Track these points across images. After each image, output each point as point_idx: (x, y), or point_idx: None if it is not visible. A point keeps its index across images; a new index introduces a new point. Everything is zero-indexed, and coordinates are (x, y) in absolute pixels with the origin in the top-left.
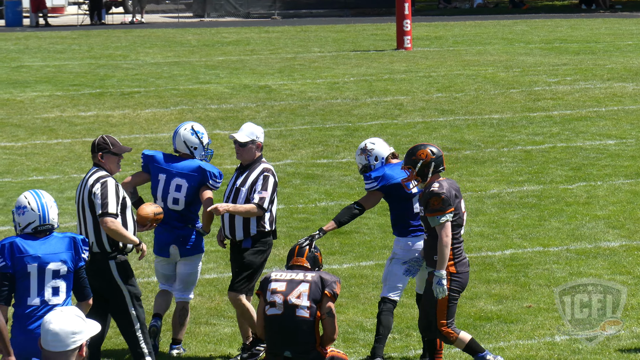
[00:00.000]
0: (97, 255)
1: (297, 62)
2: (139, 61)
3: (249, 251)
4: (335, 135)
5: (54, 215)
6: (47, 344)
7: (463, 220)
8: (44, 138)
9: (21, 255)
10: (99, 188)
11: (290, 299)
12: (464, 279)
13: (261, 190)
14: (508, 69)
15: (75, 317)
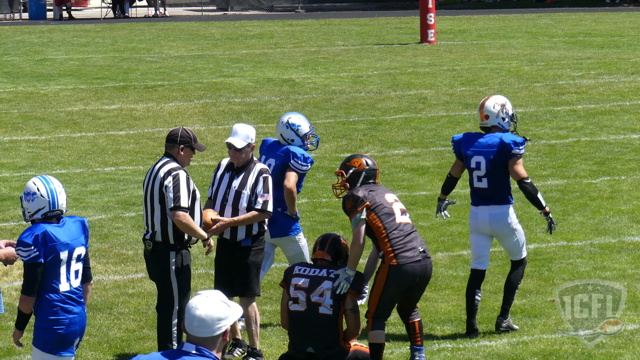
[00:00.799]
0: (159, 245)
1: (321, 56)
2: (163, 54)
3: (250, 251)
4: (359, 129)
5: (63, 200)
6: (193, 330)
7: (392, 208)
8: (67, 131)
9: (53, 244)
10: (171, 181)
11: (313, 297)
12: (406, 272)
13: (263, 194)
14: (532, 62)
15: (220, 303)
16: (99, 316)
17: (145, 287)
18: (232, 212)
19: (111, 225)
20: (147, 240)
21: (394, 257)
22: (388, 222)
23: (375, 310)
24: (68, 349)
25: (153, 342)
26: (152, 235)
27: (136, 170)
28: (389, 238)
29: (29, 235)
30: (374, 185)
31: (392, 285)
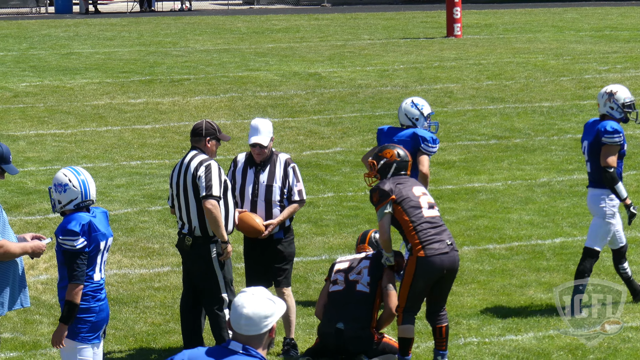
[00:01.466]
0: (199, 240)
1: (347, 50)
2: (189, 48)
3: (284, 242)
4: (385, 123)
5: (94, 191)
6: (240, 328)
7: (419, 202)
8: (93, 125)
9: (96, 233)
10: (204, 171)
11: (351, 275)
12: (434, 263)
13: (296, 183)
14: (558, 56)
15: (267, 300)
16: (125, 310)
17: (171, 280)
18: (265, 207)
19: (137, 218)
20: (185, 236)
21: (422, 249)
22: (415, 215)
23: (404, 304)
24: (97, 336)
25: (179, 336)
26: (190, 230)
27: (162, 164)
28: (416, 231)
29: (75, 224)
30: (403, 177)
31: (420, 278)
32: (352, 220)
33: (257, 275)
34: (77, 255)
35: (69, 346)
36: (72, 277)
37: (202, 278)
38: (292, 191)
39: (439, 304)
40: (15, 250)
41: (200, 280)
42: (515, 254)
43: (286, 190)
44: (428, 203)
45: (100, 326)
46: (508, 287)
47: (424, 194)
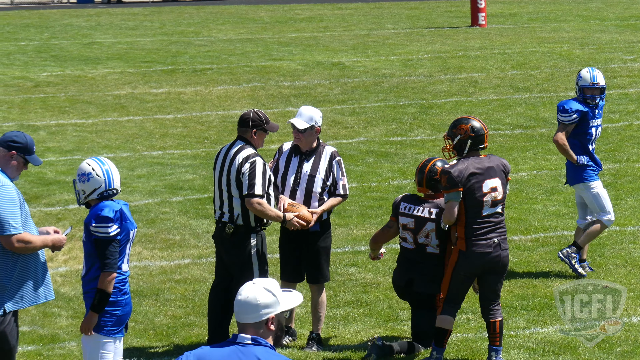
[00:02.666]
0: (240, 229)
1: (371, 39)
2: (211, 38)
3: (321, 236)
4: (409, 113)
5: (118, 180)
6: (236, 315)
7: (482, 201)
8: (114, 115)
9: (126, 222)
10: (248, 168)
11: (419, 239)
12: (473, 260)
13: (341, 177)
14: (583, 46)
15: (264, 290)
16: (145, 302)
17: (192, 273)
18: (304, 196)
19: (158, 210)
20: (226, 224)
21: (464, 243)
22: (472, 212)
23: (446, 294)
24: (121, 330)
25: (199, 329)
26: (231, 218)
27: (184, 155)
28: (466, 225)
29: (109, 210)
30: (483, 160)
31: (459, 270)
32: (376, 211)
33: (291, 268)
34: (110, 242)
35: (92, 339)
36: (105, 265)
37: (238, 267)
38: (337, 185)
39: (489, 299)
40: (36, 243)
41: (236, 269)
42: (540, 246)
43: (329, 182)
44: (492, 201)
45: (124, 320)
46: (534, 279)
47: (493, 189)
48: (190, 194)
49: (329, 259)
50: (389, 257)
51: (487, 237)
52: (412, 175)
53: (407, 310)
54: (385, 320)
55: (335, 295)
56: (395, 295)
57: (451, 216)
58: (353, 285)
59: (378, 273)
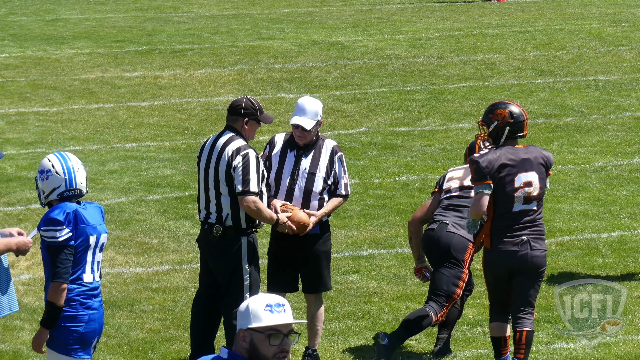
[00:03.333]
0: (229, 231)
1: (374, 15)
2: (192, 14)
3: (320, 239)
4: (417, 100)
5: (82, 179)
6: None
7: (514, 196)
8: (82, 102)
9: (84, 226)
10: (240, 162)
11: (464, 182)
12: (497, 260)
13: (343, 175)
14: (616, 23)
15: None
16: (119, 314)
17: (171, 281)
18: (303, 197)
19: (133, 209)
20: (213, 225)
21: (490, 240)
22: (502, 207)
23: (489, 297)
24: (86, 350)
25: (180, 344)
26: (219, 219)
27: (161, 147)
28: (493, 220)
29: (59, 212)
30: (516, 152)
31: (487, 270)
32: (379, 211)
33: (283, 276)
34: (61, 249)
35: (54, 357)
36: (54, 275)
37: (226, 274)
38: (338, 184)
39: (517, 306)
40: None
41: (224, 277)
42: (566, 250)
43: (330, 181)
44: (525, 197)
45: (90, 339)
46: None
47: (526, 184)
48: (168, 192)
49: (329, 264)
50: (394, 263)
51: (515, 234)
52: (420, 170)
53: None
54: None
55: (334, 305)
56: (401, 306)
57: (478, 209)
58: (354, 294)
59: (382, 281)
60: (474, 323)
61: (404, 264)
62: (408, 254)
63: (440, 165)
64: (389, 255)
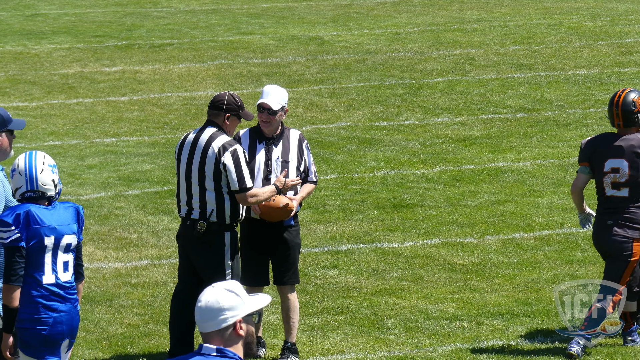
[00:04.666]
0: (213, 226)
1: (353, 10)
2: (172, 9)
3: (292, 231)
4: (396, 94)
5: (46, 180)
6: (198, 324)
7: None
8: (62, 97)
9: (37, 226)
10: (231, 159)
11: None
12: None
13: (312, 163)
14: (595, 17)
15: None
16: (98, 309)
17: (150, 276)
18: None
19: (112, 204)
20: (196, 221)
21: None
22: (598, 190)
23: None
24: (55, 353)
25: (160, 339)
26: (202, 215)
27: (140, 142)
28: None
29: (9, 213)
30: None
31: None
32: (359, 206)
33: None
34: (10, 251)
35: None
36: (5, 276)
37: (210, 269)
38: (309, 170)
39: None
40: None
41: (207, 272)
42: (545, 244)
43: (302, 169)
44: (612, 182)
45: (57, 342)
46: (537, 282)
47: (613, 170)
48: (148, 187)
49: (298, 258)
50: (372, 258)
51: (602, 217)
52: (400, 165)
53: (393, 318)
54: (370, 328)
55: (313, 300)
56: (380, 300)
57: (574, 187)
58: (333, 289)
59: (361, 276)
60: (453, 317)
61: (382, 259)
62: (387, 248)
63: (419, 160)
64: (368, 250)
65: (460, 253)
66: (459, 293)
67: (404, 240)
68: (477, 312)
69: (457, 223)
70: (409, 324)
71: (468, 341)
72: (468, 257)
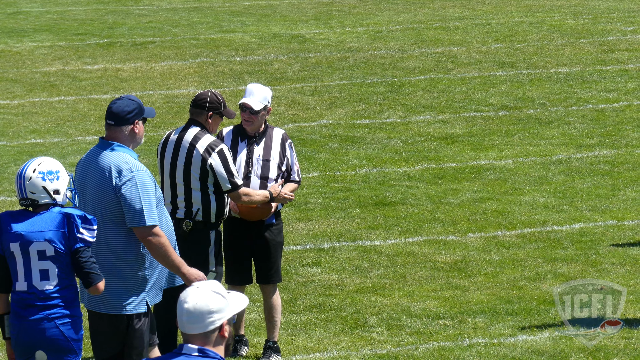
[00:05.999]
0: (199, 225)
1: (335, 8)
2: (153, 7)
3: (274, 230)
4: (378, 92)
5: (34, 188)
6: (183, 326)
7: None
8: (44, 95)
9: (5, 233)
10: (218, 159)
11: None
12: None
13: (295, 162)
14: (577, 15)
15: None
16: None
17: None
18: (260, 183)
19: None
20: (181, 220)
21: None
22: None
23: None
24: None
25: None
26: (188, 214)
27: None
28: None
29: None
30: None
31: None
32: (341, 204)
33: (240, 268)
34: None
35: None
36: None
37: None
38: (291, 170)
39: None
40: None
41: None
42: (527, 242)
43: (284, 167)
44: None
45: (25, 350)
46: (520, 280)
47: None
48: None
49: (280, 257)
50: (355, 256)
51: None
52: (382, 163)
53: (375, 316)
54: (352, 327)
55: (295, 298)
56: (362, 298)
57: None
58: (315, 287)
59: (343, 273)
60: (436, 315)
61: (365, 257)
62: (369, 246)
63: (401, 158)
64: (350, 248)
65: (443, 251)
66: (441, 291)
67: (386, 238)
68: (460, 310)
69: (440, 221)
70: (392, 322)
71: (450, 339)
72: (450, 255)
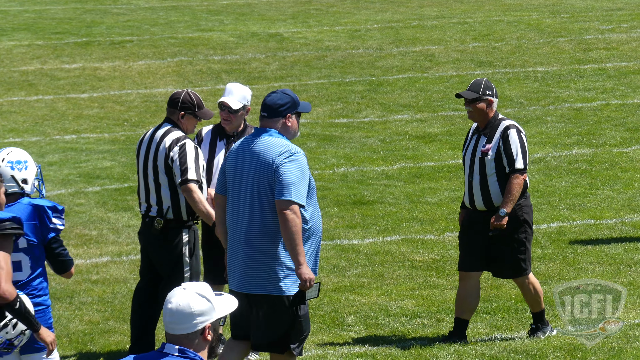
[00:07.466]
0: (170, 223)
1: (313, 7)
2: (131, 5)
3: None
4: (356, 91)
5: (3, 178)
6: (166, 326)
7: None
8: (22, 94)
9: None
10: (178, 152)
11: None
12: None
13: None
14: (555, 14)
15: (198, 296)
16: (58, 306)
17: (110, 272)
18: None
19: (72, 201)
20: (154, 218)
21: None
22: None
23: None
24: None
25: (120, 336)
26: (159, 212)
27: (100, 139)
28: None
29: None
30: None
31: None
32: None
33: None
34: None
35: None
36: None
37: (168, 266)
38: None
39: None
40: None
41: (166, 269)
42: None
43: None
44: None
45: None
46: (497, 279)
47: None
48: (108, 184)
49: None
50: (333, 255)
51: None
52: (359, 162)
53: (353, 315)
54: (330, 325)
55: None
56: (340, 297)
57: None
58: None
59: (321, 272)
60: (413, 314)
61: (343, 255)
62: (347, 245)
63: (379, 157)
64: (328, 247)
65: (420, 250)
66: (419, 290)
67: (364, 237)
68: (437, 309)
69: (417, 220)
70: (369, 320)
71: (428, 338)
72: (428, 254)
